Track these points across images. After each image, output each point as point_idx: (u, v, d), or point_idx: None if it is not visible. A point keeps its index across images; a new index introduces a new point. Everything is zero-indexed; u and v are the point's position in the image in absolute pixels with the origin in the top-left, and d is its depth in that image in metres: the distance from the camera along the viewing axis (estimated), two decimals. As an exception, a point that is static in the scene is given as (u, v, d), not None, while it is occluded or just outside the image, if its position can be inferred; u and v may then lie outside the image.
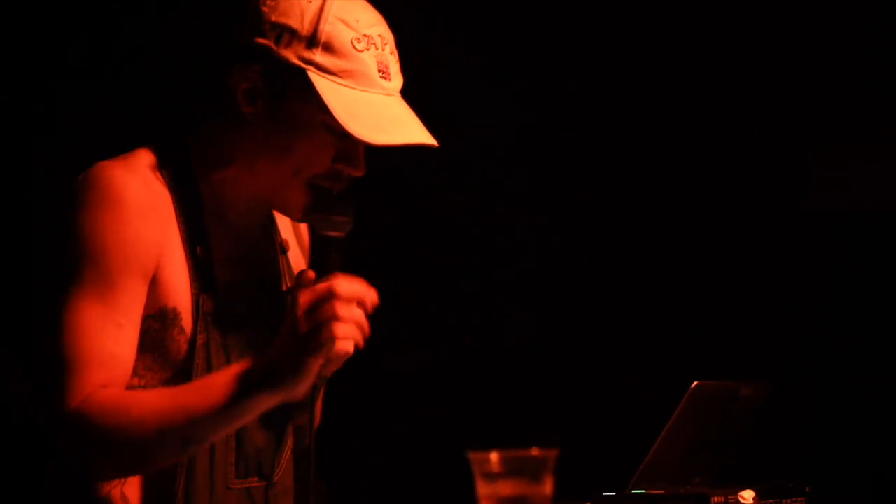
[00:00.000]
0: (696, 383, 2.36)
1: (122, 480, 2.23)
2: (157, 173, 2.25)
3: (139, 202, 2.19)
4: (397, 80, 2.29)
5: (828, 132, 3.61)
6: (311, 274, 2.16)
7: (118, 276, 2.17)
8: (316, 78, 2.20)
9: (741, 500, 2.15)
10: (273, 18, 2.22)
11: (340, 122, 2.17)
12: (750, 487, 2.16)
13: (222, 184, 2.29)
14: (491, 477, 1.66)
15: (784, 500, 2.24)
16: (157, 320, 2.22)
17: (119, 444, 2.11)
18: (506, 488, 1.66)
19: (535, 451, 1.67)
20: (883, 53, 3.54)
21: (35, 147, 3.55)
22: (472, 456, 1.68)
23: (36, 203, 2.98)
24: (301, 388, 2.10)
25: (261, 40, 2.22)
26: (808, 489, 2.33)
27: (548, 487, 1.68)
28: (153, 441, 2.12)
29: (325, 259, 2.21)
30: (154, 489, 2.25)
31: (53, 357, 2.13)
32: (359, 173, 2.26)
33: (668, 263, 3.73)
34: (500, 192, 3.80)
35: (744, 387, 2.53)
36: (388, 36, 2.28)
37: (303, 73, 2.20)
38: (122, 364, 2.17)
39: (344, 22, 2.22)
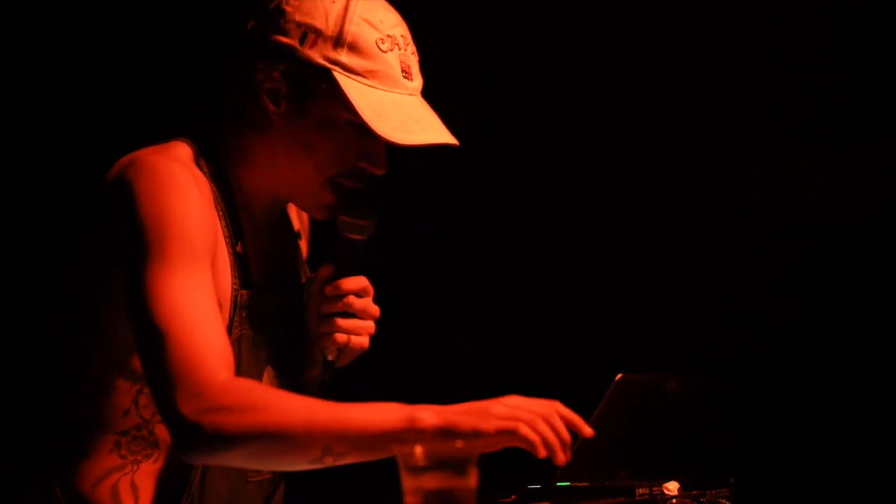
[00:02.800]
0: (620, 376, 2.37)
1: (133, 468, 2.22)
2: (196, 166, 2.25)
3: (199, 191, 2.18)
4: (418, 81, 2.31)
5: (766, 140, 3.64)
6: (327, 271, 2.29)
7: (205, 258, 2.14)
8: (342, 78, 2.21)
9: (666, 492, 2.16)
10: (297, 18, 2.22)
11: (367, 122, 2.18)
12: (674, 479, 2.17)
13: (246, 179, 2.29)
14: (415, 470, 1.66)
15: (708, 492, 2.25)
16: None
17: (263, 429, 1.99)
18: (430, 482, 1.65)
19: (459, 444, 1.67)
20: (819, 64, 3.57)
21: (58, 138, 3.54)
22: (397, 449, 1.68)
23: (71, 194, 2.94)
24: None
25: (284, 39, 2.22)
26: (731, 480, 2.34)
27: (473, 480, 1.68)
28: (298, 438, 1.99)
29: (344, 259, 2.30)
30: (167, 480, 2.23)
31: (176, 350, 2.03)
32: (381, 172, 2.28)
33: (596, 257, 3.74)
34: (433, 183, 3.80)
35: (669, 380, 2.54)
36: (409, 36, 2.30)
37: (328, 73, 2.21)
38: (229, 349, 2.10)
39: (368, 22, 2.23)
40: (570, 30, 3.73)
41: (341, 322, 2.30)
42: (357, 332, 2.31)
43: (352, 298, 2.29)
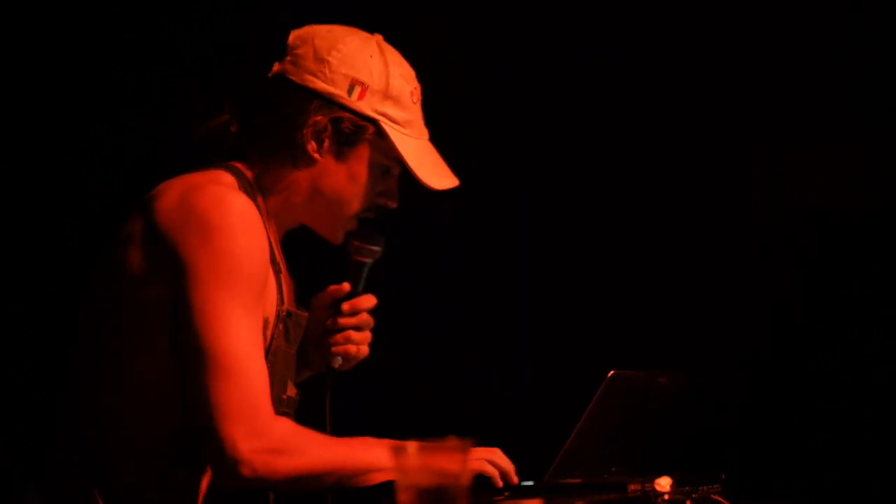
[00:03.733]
0: (612, 373, 2.37)
1: (176, 472, 2.36)
2: (246, 195, 2.38)
3: (262, 225, 2.34)
4: (427, 129, 2.54)
5: (764, 140, 3.65)
6: (340, 289, 2.51)
7: (263, 295, 2.33)
8: (389, 130, 2.43)
9: (658, 488, 2.17)
10: (343, 70, 2.42)
11: (413, 170, 2.43)
12: (666, 475, 2.18)
13: (274, 206, 2.45)
14: (409, 467, 1.67)
15: (700, 488, 2.26)
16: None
17: (301, 470, 2.27)
18: (423, 479, 1.66)
19: (452, 442, 1.68)
20: (819, 64, 3.58)
21: (58, 139, 3.57)
22: (391, 447, 1.68)
23: (71, 194, 2.97)
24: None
25: (332, 89, 2.41)
26: (723, 476, 2.35)
27: (465, 478, 1.68)
28: (324, 476, 2.30)
29: (354, 279, 2.52)
30: (211, 479, 2.41)
31: (240, 387, 2.23)
32: (395, 206, 2.51)
33: (591, 256, 3.75)
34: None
35: (660, 376, 2.55)
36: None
37: (377, 124, 2.43)
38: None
39: (404, 77, 2.47)
40: (570, 30, 3.74)
41: (354, 335, 2.52)
42: (364, 343, 2.54)
43: (366, 315, 2.52)
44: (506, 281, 3.81)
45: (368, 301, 2.54)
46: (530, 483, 2.23)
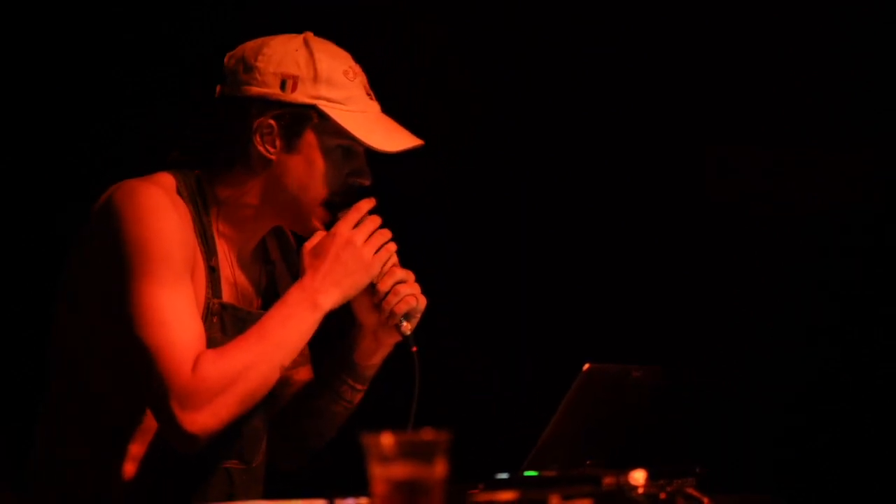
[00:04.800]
0: (587, 365, 2.38)
1: (113, 460, 2.48)
2: (177, 194, 2.53)
3: (177, 213, 2.48)
4: (376, 101, 2.63)
5: (721, 132, 3.66)
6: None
7: (186, 272, 2.45)
8: (328, 108, 2.54)
9: (632, 481, 2.17)
10: (272, 69, 2.54)
11: (360, 139, 2.54)
12: (641, 468, 2.18)
13: (233, 210, 2.59)
14: (384, 459, 1.67)
15: (674, 481, 2.26)
16: None
17: (238, 383, 2.40)
18: (399, 470, 1.66)
19: (427, 434, 1.68)
20: (815, 66, 3.60)
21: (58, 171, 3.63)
22: (366, 438, 1.68)
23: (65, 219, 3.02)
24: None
25: (267, 90, 2.54)
26: (697, 470, 2.35)
27: (441, 469, 1.68)
28: (261, 372, 2.43)
29: None
30: (148, 467, 2.50)
31: (158, 343, 2.38)
32: (368, 182, 2.61)
33: (563, 247, 3.76)
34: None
35: (635, 370, 2.55)
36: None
37: (315, 108, 2.54)
38: (204, 339, 2.45)
39: (333, 59, 2.58)
40: (571, 30, 3.74)
41: (402, 289, 2.62)
42: (416, 291, 2.63)
43: (400, 270, 2.61)
44: (477, 276, 3.82)
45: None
46: (505, 475, 2.23)
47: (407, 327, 2.65)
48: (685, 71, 3.69)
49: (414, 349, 2.64)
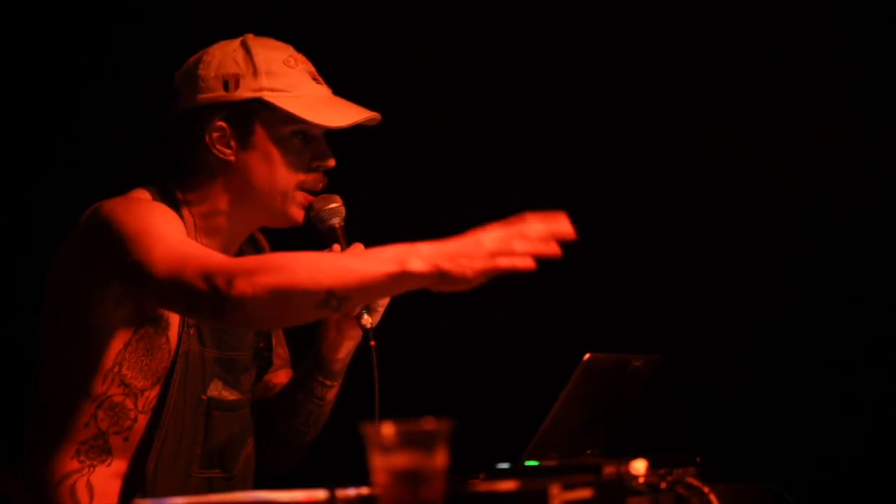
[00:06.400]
0: (588, 355, 2.38)
1: (90, 471, 2.54)
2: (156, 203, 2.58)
3: (159, 204, 2.55)
4: (326, 86, 2.66)
5: (711, 112, 3.65)
6: (337, 248, 2.62)
7: (178, 228, 2.49)
8: (272, 97, 2.58)
9: (633, 471, 2.17)
10: (213, 73, 2.60)
11: (307, 118, 2.57)
12: (642, 458, 2.18)
13: (208, 219, 2.62)
14: (385, 449, 1.67)
15: (675, 471, 2.26)
16: (153, 324, 2.54)
17: (275, 283, 2.28)
18: (400, 460, 1.66)
19: (428, 423, 1.68)
20: (767, 37, 3.59)
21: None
22: (367, 428, 1.68)
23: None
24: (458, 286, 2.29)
25: (211, 95, 2.59)
26: (698, 460, 2.36)
27: (441, 459, 1.68)
28: (304, 284, 2.27)
29: (334, 243, 2.63)
30: (119, 479, 2.55)
31: (186, 270, 2.34)
32: (332, 163, 2.64)
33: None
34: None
35: (635, 359, 2.55)
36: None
37: (260, 100, 2.58)
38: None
39: (270, 50, 2.62)
40: (572, 29, 3.74)
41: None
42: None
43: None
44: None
45: (356, 250, 2.60)
46: (506, 465, 2.23)
47: (367, 320, 2.64)
48: (682, 62, 3.68)
49: (372, 343, 2.63)
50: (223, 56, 2.61)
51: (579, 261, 3.75)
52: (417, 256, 2.25)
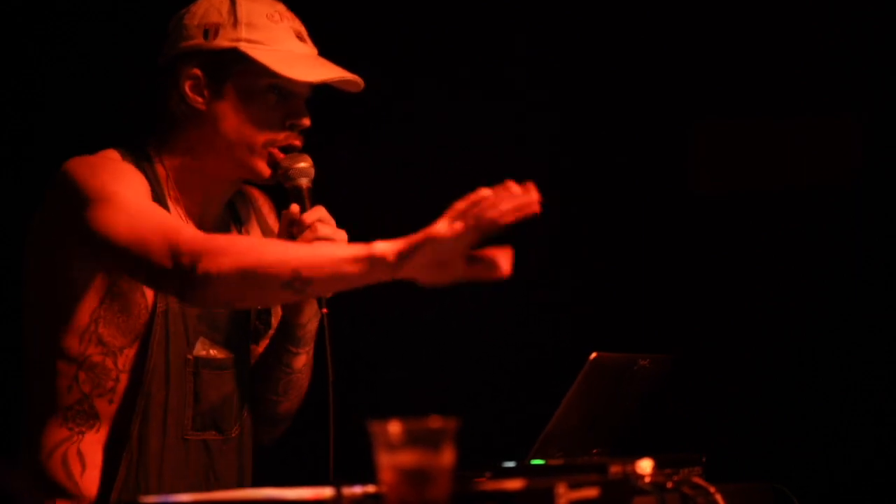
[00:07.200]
0: (594, 355, 2.38)
1: (79, 438, 2.52)
2: (124, 161, 2.56)
3: (129, 166, 2.55)
4: (312, 46, 2.64)
5: (707, 109, 3.65)
6: (290, 213, 2.56)
7: (147, 194, 2.51)
8: (249, 48, 2.56)
9: (639, 470, 2.17)
10: (196, 22, 2.59)
11: (279, 71, 2.54)
12: (648, 457, 2.18)
13: (182, 173, 2.60)
14: (392, 447, 1.67)
15: (681, 470, 2.27)
16: (126, 280, 2.51)
17: (240, 262, 2.27)
18: (406, 458, 1.66)
19: (435, 422, 1.68)
20: (760, 35, 3.59)
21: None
22: (373, 426, 1.68)
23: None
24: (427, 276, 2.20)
25: (191, 42, 2.58)
26: (703, 459, 2.36)
27: (448, 457, 1.68)
28: (271, 264, 2.26)
29: (298, 203, 2.58)
30: (109, 446, 2.53)
31: (147, 241, 2.36)
32: (307, 122, 2.60)
33: (569, 237, 3.75)
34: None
35: (642, 358, 2.55)
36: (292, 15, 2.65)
37: (236, 50, 2.56)
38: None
39: (254, 3, 2.60)
40: (573, 30, 3.73)
41: (320, 244, 2.50)
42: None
43: (318, 224, 2.54)
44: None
45: (312, 214, 2.57)
46: (512, 463, 2.23)
47: None
48: (681, 58, 3.68)
49: (324, 311, 2.59)
50: (209, 6, 2.60)
51: (587, 260, 3.77)
52: (385, 243, 2.20)
